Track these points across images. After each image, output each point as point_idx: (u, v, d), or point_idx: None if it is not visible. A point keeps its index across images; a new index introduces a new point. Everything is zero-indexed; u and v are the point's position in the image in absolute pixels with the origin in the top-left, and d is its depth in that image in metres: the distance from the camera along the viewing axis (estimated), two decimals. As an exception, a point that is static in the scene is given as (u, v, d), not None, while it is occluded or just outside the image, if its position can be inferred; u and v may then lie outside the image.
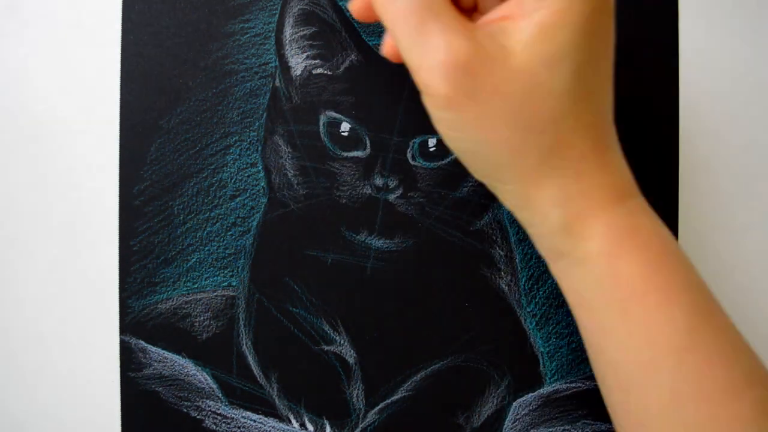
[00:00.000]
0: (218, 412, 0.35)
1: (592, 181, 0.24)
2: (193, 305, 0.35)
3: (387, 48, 0.27)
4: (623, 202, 0.24)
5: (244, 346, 0.36)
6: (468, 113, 0.23)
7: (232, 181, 0.35)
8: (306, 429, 0.36)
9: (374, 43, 0.35)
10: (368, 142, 0.35)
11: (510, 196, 0.25)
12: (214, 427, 0.35)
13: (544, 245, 0.26)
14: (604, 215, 0.24)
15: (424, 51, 0.22)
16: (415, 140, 0.35)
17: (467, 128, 0.23)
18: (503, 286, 0.36)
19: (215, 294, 0.36)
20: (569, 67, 0.22)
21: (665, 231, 0.25)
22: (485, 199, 0.35)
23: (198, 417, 0.35)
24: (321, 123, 0.35)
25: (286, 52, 0.35)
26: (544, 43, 0.22)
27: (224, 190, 0.35)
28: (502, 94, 0.22)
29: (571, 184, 0.24)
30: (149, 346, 0.35)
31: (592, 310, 0.25)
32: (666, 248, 0.24)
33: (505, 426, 0.36)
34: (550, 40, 0.22)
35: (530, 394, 0.36)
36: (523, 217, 0.26)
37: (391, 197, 0.35)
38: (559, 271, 0.26)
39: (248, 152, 0.35)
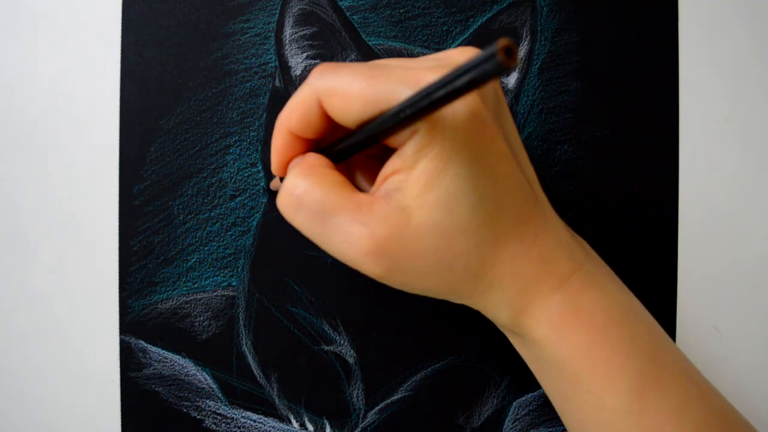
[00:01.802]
0: (218, 412, 0.35)
1: (527, 277, 0.25)
2: (193, 305, 0.35)
3: None
4: (563, 284, 0.26)
5: (244, 346, 0.36)
6: (397, 279, 0.24)
7: (232, 181, 0.35)
8: (306, 429, 0.36)
9: (374, 43, 0.35)
10: (368, 142, 0.35)
11: (465, 303, 0.27)
12: (214, 427, 0.35)
13: (500, 328, 0.29)
14: (545, 304, 0.25)
15: (336, 249, 0.24)
16: (415, 140, 0.35)
17: (403, 286, 0.25)
18: (503, 286, 0.36)
19: (215, 294, 0.36)
20: (468, 200, 0.23)
21: (609, 299, 0.26)
22: (485, 199, 0.35)
23: (198, 417, 0.35)
24: (321, 123, 0.35)
25: (286, 52, 0.35)
26: (436, 190, 0.23)
27: (224, 190, 0.35)
28: (418, 256, 0.23)
29: (508, 286, 0.25)
30: (149, 346, 0.35)
31: (550, 380, 0.27)
32: (609, 319, 0.26)
33: (505, 426, 0.36)
34: (440, 186, 0.23)
35: (530, 394, 0.36)
36: (480, 310, 0.28)
37: (391, 197, 0.35)
38: (516, 345, 0.29)
39: (248, 152, 0.35)
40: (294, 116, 0.26)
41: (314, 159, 0.26)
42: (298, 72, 0.35)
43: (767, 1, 0.36)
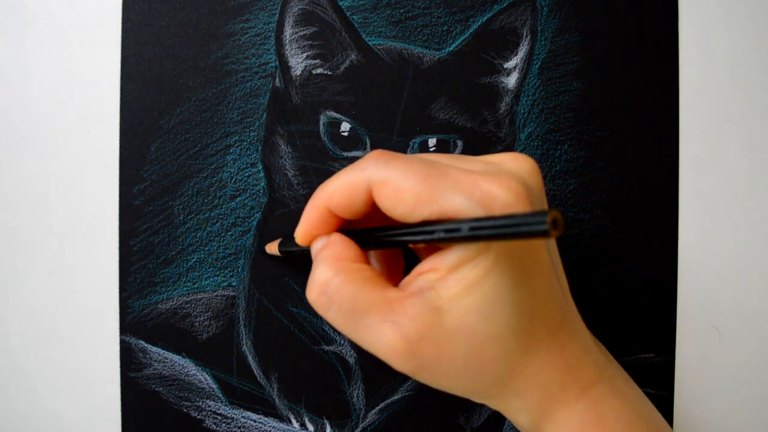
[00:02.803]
0: (218, 412, 0.35)
1: (552, 385, 0.25)
2: (193, 305, 0.35)
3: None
4: (587, 392, 0.25)
5: (244, 346, 0.36)
6: (425, 377, 0.24)
7: (232, 181, 0.35)
8: (306, 429, 0.36)
9: (374, 43, 0.35)
10: (368, 142, 0.35)
11: (485, 403, 0.27)
12: (215, 427, 0.35)
13: (517, 426, 0.28)
14: (567, 411, 0.25)
15: (368, 346, 0.24)
16: (415, 140, 0.35)
17: (430, 383, 0.25)
18: (503, 286, 0.36)
19: (215, 294, 0.36)
20: (504, 309, 0.23)
21: (629, 407, 0.26)
22: (485, 199, 0.35)
23: (198, 417, 0.35)
24: (321, 123, 0.35)
25: (286, 52, 0.35)
26: (472, 296, 0.23)
27: (224, 190, 0.35)
28: (448, 357, 0.23)
29: (532, 394, 0.25)
30: (149, 346, 0.35)
31: None
32: (629, 427, 0.26)
33: (505, 426, 0.36)
34: (477, 293, 0.23)
35: (530, 394, 0.36)
36: (500, 411, 0.28)
37: (391, 197, 0.35)
38: None
39: (248, 152, 0.35)
40: (337, 196, 0.25)
41: (344, 249, 0.26)
42: (298, 72, 0.35)
43: (767, 1, 0.36)
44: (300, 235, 0.27)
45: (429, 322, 0.23)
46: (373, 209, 0.26)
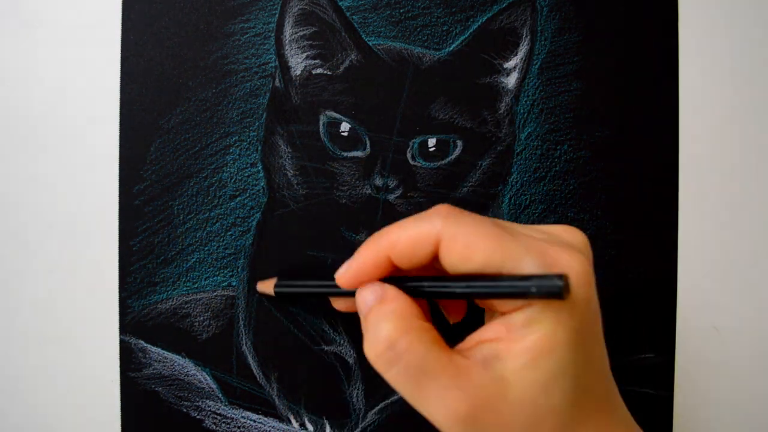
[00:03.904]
0: (218, 412, 0.35)
1: None
2: (193, 305, 0.35)
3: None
4: None
5: (244, 346, 0.36)
6: None
7: (232, 181, 0.35)
8: (306, 429, 0.36)
9: (374, 43, 0.35)
10: (368, 142, 0.35)
11: None
12: (214, 427, 0.35)
13: None
14: None
15: (427, 409, 0.24)
16: (414, 140, 0.35)
17: None
18: (503, 286, 0.36)
19: (215, 294, 0.36)
20: (564, 385, 0.23)
21: None
22: (485, 199, 0.35)
23: (198, 417, 0.35)
24: (321, 123, 0.35)
25: (286, 52, 0.35)
26: (538, 370, 0.23)
27: (224, 190, 0.35)
28: (506, 427, 0.23)
29: None
30: (149, 346, 0.35)
31: None
32: None
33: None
34: (543, 366, 0.23)
35: (530, 394, 0.36)
36: None
37: (391, 197, 0.35)
38: None
39: (248, 152, 0.35)
40: (401, 245, 0.25)
41: (403, 304, 0.25)
42: (298, 72, 0.35)
43: (767, 1, 0.36)
44: (348, 276, 0.27)
45: (494, 392, 0.23)
46: (427, 263, 0.25)
